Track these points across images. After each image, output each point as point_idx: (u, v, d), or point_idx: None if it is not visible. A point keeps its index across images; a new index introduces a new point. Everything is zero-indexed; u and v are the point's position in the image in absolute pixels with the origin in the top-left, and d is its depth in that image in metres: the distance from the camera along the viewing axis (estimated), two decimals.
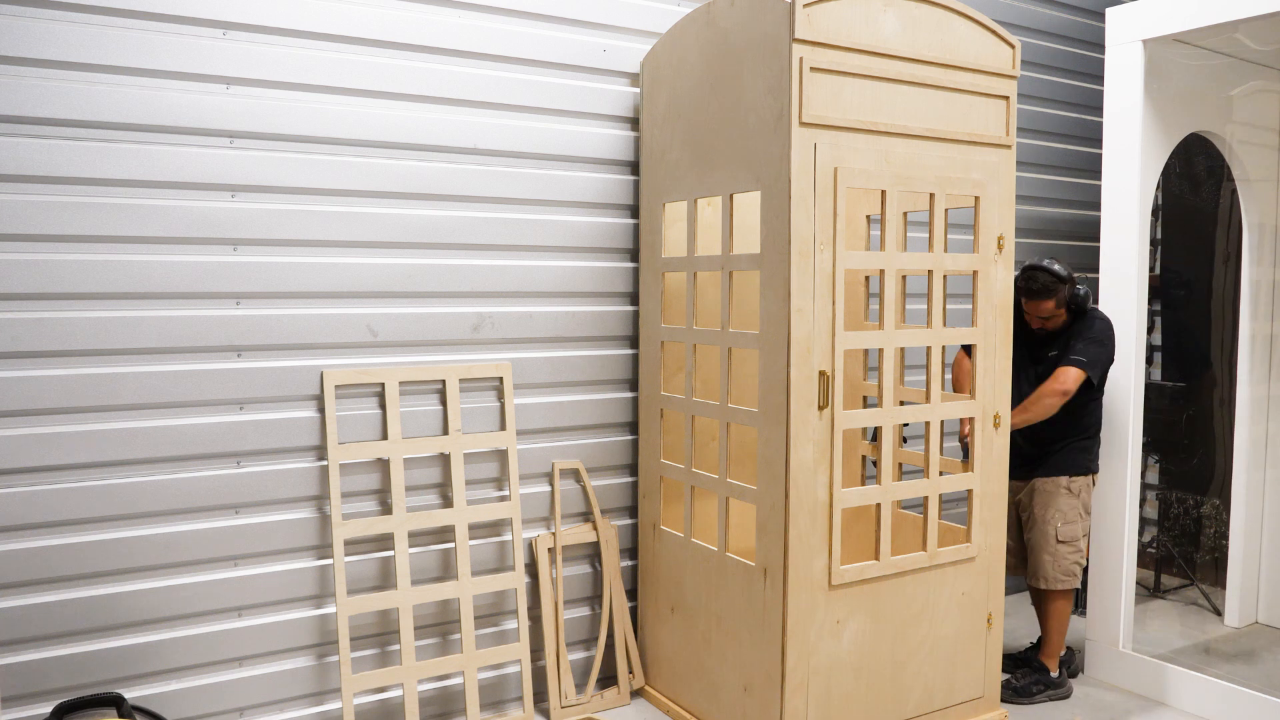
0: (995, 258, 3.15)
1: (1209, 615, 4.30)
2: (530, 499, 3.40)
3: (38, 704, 2.66)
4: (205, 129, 2.80)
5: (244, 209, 2.88)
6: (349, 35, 3.00)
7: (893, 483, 3.00)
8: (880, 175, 2.88)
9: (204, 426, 2.85)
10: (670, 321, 3.38)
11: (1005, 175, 3.15)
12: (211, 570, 2.88)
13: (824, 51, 2.74)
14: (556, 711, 3.32)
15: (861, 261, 2.99)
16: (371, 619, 3.10)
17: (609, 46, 3.45)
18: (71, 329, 2.67)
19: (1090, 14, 4.74)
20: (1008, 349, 3.21)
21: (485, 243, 3.26)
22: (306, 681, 3.03)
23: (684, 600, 3.29)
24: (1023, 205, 4.52)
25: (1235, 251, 4.30)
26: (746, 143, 2.89)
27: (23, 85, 2.57)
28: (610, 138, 3.47)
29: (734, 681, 3.05)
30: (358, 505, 3.08)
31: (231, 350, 2.88)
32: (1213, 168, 4.55)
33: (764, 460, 2.88)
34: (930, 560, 3.06)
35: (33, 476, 2.64)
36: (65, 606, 2.69)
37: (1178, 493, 4.64)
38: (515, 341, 3.34)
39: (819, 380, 2.81)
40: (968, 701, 3.22)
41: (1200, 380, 4.61)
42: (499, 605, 3.34)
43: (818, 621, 2.87)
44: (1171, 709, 3.49)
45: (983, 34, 3.05)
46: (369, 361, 3.09)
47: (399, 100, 3.09)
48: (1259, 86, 4.06)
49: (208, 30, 2.79)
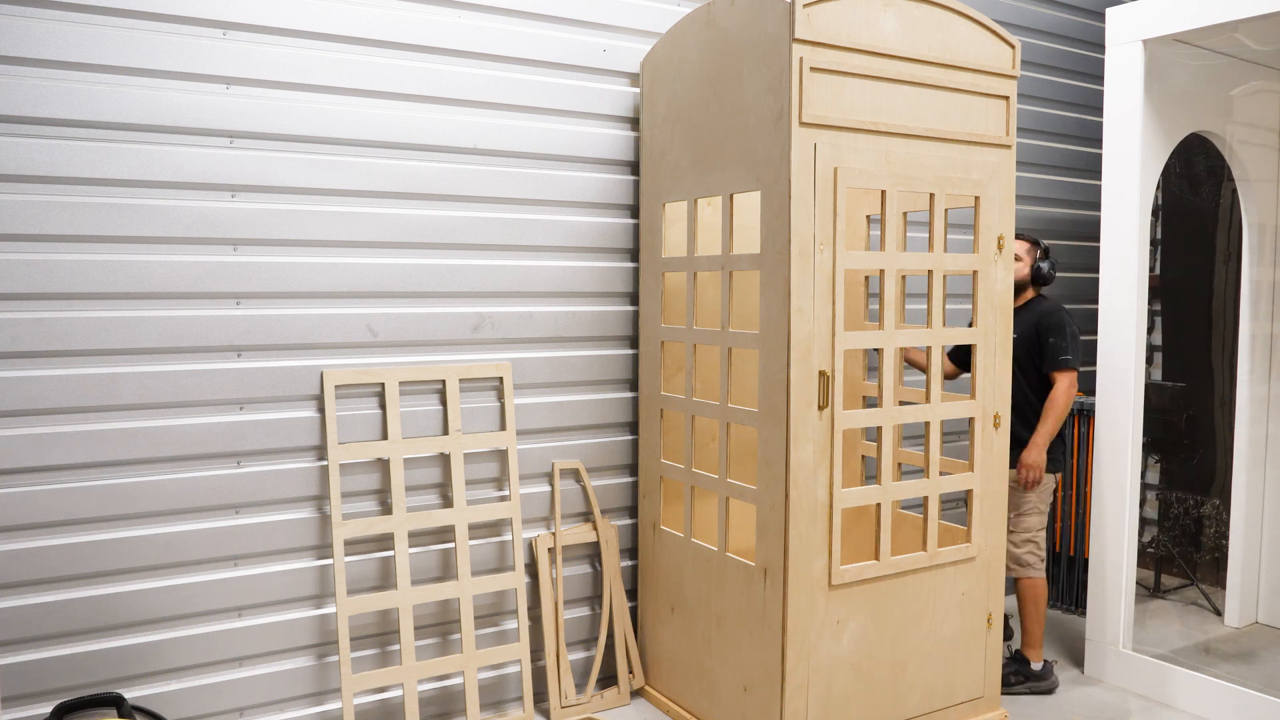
0: (995, 258, 3.15)
1: (1209, 615, 4.30)
2: (530, 499, 3.40)
3: (38, 704, 2.66)
4: (205, 129, 2.80)
5: (244, 209, 2.88)
6: (349, 35, 3.00)
7: (893, 483, 3.00)
8: (880, 175, 2.88)
9: (204, 426, 2.85)
10: (670, 321, 3.38)
11: (1005, 175, 3.15)
12: (211, 570, 2.88)
13: (824, 51, 2.74)
14: (556, 711, 3.32)
15: (861, 261, 2.99)
16: (371, 619, 3.10)
17: (609, 46, 3.45)
18: (71, 329, 2.67)
19: (1090, 14, 4.74)
20: (1008, 349, 3.22)
21: (485, 243, 3.26)
22: (306, 681, 3.03)
23: (684, 600, 3.29)
24: (1023, 205, 4.52)
25: (1235, 251, 4.30)
26: (746, 143, 2.89)
27: (23, 85, 2.57)
28: (610, 138, 3.47)
29: (734, 681, 3.05)
30: (358, 505, 3.08)
31: (231, 350, 2.88)
32: (1213, 168, 4.55)
33: (764, 460, 2.88)
34: (930, 560, 3.06)
35: (33, 476, 2.64)
36: (65, 606, 2.69)
37: (1178, 493, 4.64)
38: (515, 341, 3.34)
39: (819, 380, 2.81)
40: (968, 701, 3.22)
41: (1200, 380, 4.62)
42: (499, 605, 3.34)
43: (818, 621, 2.87)
44: (1171, 709, 3.49)
45: (983, 34, 3.05)
46: (369, 361, 3.09)
47: (399, 100, 3.09)
48: (1259, 86, 4.06)
49: (208, 30, 2.79)
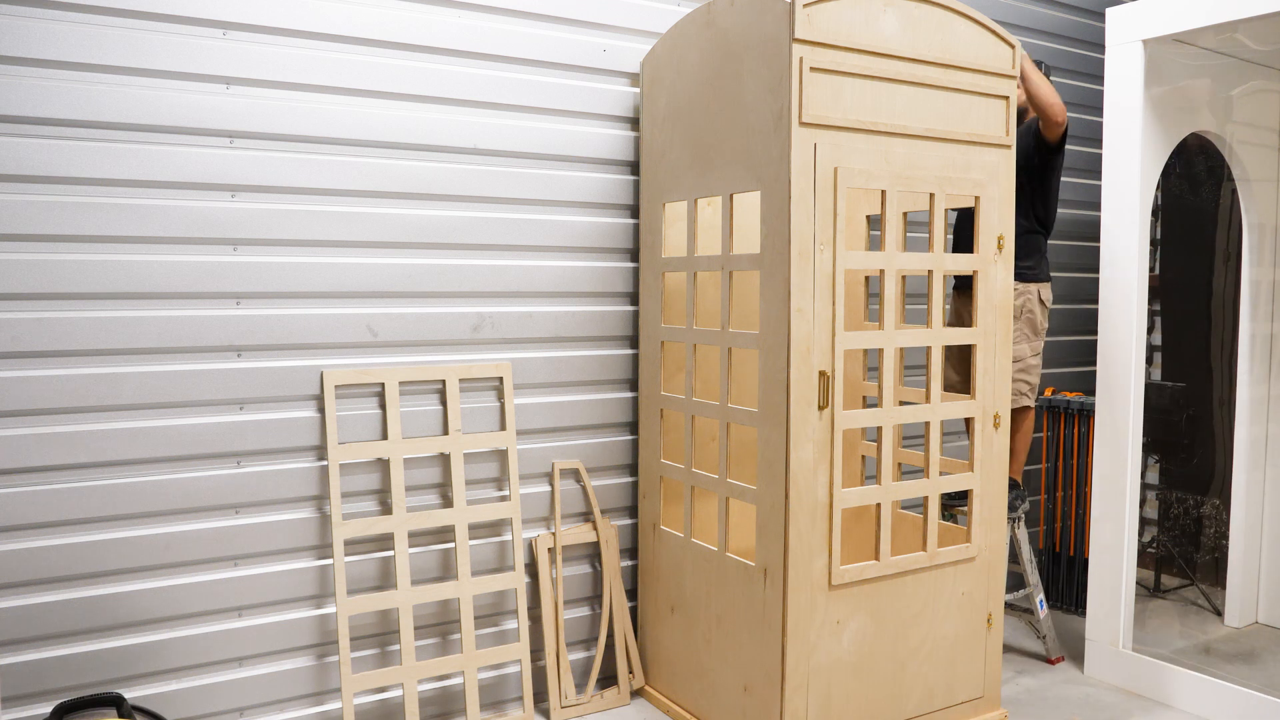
0: (995, 258, 3.15)
1: (1209, 615, 4.30)
2: (530, 499, 3.40)
3: (38, 704, 2.66)
4: (205, 129, 2.80)
5: (244, 209, 2.88)
6: (349, 35, 3.00)
7: (893, 483, 3.00)
8: (880, 175, 2.88)
9: (204, 426, 2.85)
10: (670, 321, 3.38)
11: (1005, 175, 3.15)
12: (211, 570, 2.88)
13: (824, 51, 2.74)
14: (556, 711, 3.32)
15: (861, 261, 2.99)
16: (371, 619, 3.10)
17: (609, 46, 3.45)
18: (71, 329, 2.67)
19: (1090, 14, 4.74)
20: (1008, 349, 3.22)
21: (485, 243, 3.26)
22: (306, 681, 3.03)
23: (684, 600, 3.29)
24: None
25: (1235, 251, 4.30)
26: (746, 143, 2.88)
27: (23, 85, 2.57)
28: (610, 138, 3.47)
29: (734, 681, 3.05)
30: (358, 505, 3.08)
31: (231, 350, 2.88)
32: (1213, 168, 4.55)
33: (764, 460, 2.88)
34: (930, 560, 3.06)
35: (33, 476, 2.64)
36: (65, 606, 2.69)
37: (1178, 493, 4.64)
38: (515, 341, 3.34)
39: (819, 380, 2.81)
40: (968, 701, 3.22)
41: (1200, 380, 4.62)
42: (499, 605, 3.34)
43: (818, 621, 2.87)
44: (1171, 709, 3.49)
45: (983, 34, 3.05)
46: (369, 361, 3.09)
47: (399, 100, 3.09)
48: (1259, 86, 4.06)
49: (208, 30, 2.79)
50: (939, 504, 3.11)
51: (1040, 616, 3.88)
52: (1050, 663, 3.88)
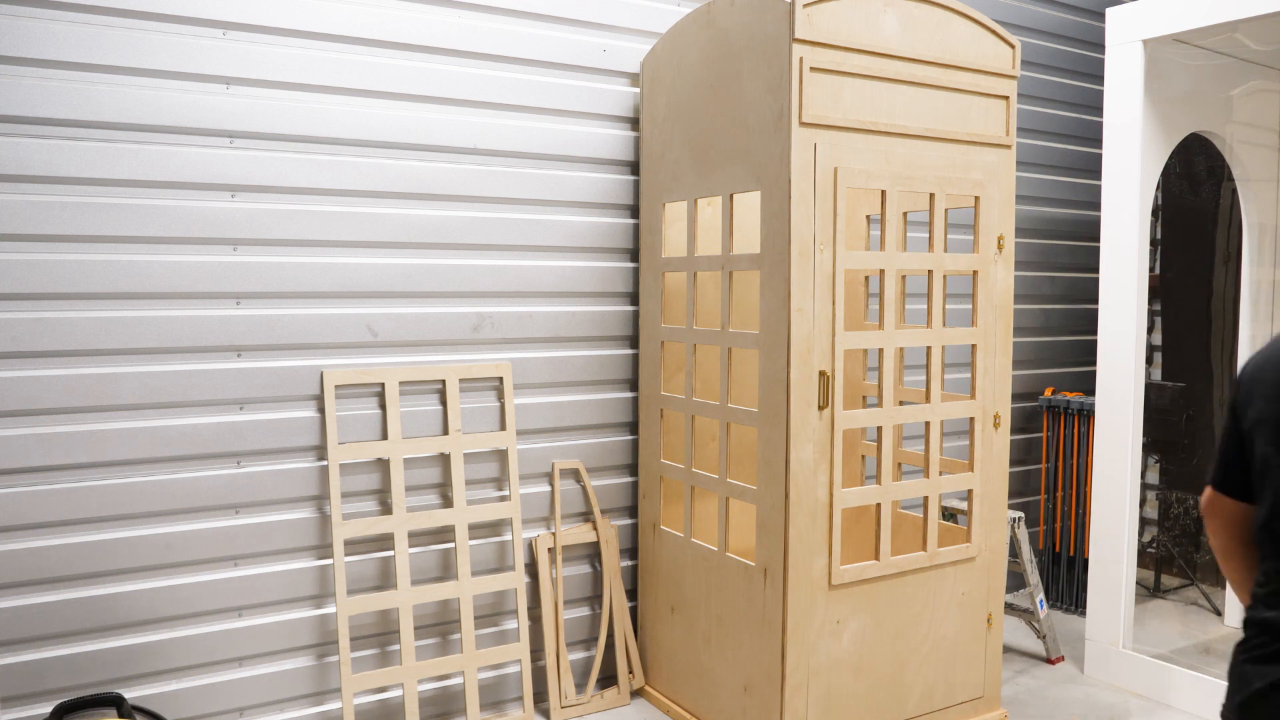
0: (995, 258, 3.15)
1: (1209, 615, 4.30)
2: (530, 499, 3.40)
3: (38, 704, 2.66)
4: (205, 129, 2.80)
5: (244, 209, 2.88)
6: (349, 35, 3.00)
7: (893, 483, 3.00)
8: (880, 175, 2.88)
9: (204, 426, 2.85)
10: (670, 321, 3.38)
11: (1005, 175, 3.15)
12: (211, 570, 2.88)
13: (824, 51, 2.74)
14: (556, 711, 3.32)
15: (861, 261, 2.99)
16: (371, 619, 3.11)
17: (609, 46, 3.45)
18: (71, 329, 2.67)
19: (1090, 14, 4.74)
20: (1008, 349, 3.22)
21: (485, 243, 3.26)
22: (306, 681, 3.03)
23: (684, 600, 3.29)
24: (1023, 205, 4.52)
25: (1235, 251, 4.30)
26: (746, 143, 2.89)
27: (23, 85, 2.57)
28: (610, 138, 3.47)
29: (734, 681, 3.05)
30: (358, 505, 3.08)
31: (231, 350, 2.88)
32: (1213, 168, 4.56)
33: (764, 460, 2.88)
34: (930, 560, 3.06)
35: (33, 476, 2.64)
36: (65, 606, 2.69)
37: (1178, 493, 4.64)
38: (515, 341, 3.34)
39: (819, 380, 2.82)
40: (968, 701, 3.22)
41: (1200, 380, 4.62)
42: (499, 605, 3.34)
43: (818, 621, 2.87)
44: (1172, 709, 3.49)
45: (982, 34, 3.05)
46: (369, 361, 3.09)
47: (399, 100, 3.09)
48: (1259, 86, 4.06)
49: (208, 30, 2.79)
50: (939, 505, 3.11)
51: (1040, 616, 3.88)
52: (1050, 663, 3.88)
